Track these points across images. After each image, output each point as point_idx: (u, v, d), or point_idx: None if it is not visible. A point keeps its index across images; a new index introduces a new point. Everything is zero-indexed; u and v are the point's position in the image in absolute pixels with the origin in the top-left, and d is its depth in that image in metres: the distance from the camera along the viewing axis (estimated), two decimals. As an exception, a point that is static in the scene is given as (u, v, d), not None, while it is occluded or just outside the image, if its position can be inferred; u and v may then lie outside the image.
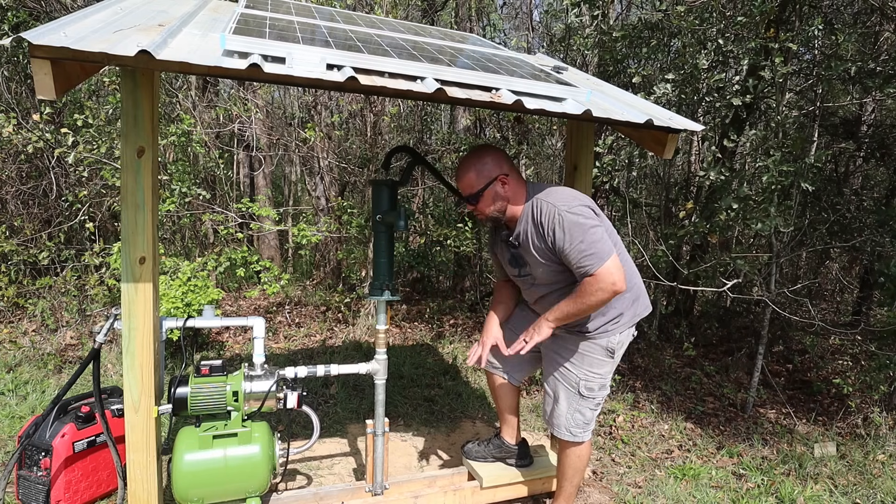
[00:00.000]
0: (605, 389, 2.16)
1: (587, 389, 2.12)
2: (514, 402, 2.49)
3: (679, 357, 4.41)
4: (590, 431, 2.18)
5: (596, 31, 4.25)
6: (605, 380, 2.13)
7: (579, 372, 2.11)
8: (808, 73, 4.36)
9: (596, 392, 2.13)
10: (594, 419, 2.18)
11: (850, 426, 3.43)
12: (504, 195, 2.01)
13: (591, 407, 2.15)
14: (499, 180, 2.00)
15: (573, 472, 2.24)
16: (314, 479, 2.57)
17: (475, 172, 2.01)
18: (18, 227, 4.70)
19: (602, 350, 2.08)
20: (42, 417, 2.23)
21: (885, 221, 3.87)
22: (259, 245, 6.84)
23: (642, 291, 2.15)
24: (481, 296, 5.76)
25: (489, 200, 2.01)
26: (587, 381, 2.11)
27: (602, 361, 2.10)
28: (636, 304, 2.11)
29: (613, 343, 2.07)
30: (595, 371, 2.11)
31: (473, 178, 2.01)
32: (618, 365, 2.21)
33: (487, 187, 1.99)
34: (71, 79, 1.46)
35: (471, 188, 2.02)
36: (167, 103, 5.27)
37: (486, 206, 2.02)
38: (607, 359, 2.10)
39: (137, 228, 1.76)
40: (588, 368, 2.11)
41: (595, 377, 2.11)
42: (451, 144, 5.92)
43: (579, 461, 2.22)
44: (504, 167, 2.02)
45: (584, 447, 2.20)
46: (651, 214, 5.29)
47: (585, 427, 2.16)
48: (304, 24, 2.01)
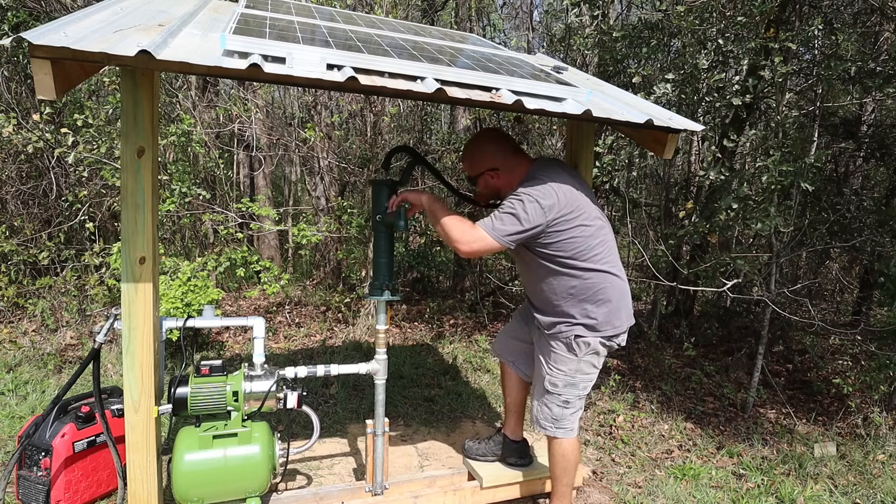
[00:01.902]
0: (575, 388, 2.13)
1: (551, 385, 2.14)
2: (522, 396, 2.50)
3: (679, 357, 4.41)
4: (563, 429, 2.17)
5: (596, 31, 4.25)
6: (571, 378, 2.12)
7: (546, 367, 2.16)
8: (808, 73, 4.36)
9: (560, 388, 2.13)
10: (567, 417, 2.16)
11: (850, 426, 3.43)
12: (494, 185, 2.19)
13: (558, 403, 2.15)
14: (487, 174, 2.17)
15: (560, 470, 2.24)
16: (314, 479, 2.57)
17: (470, 162, 2.23)
18: (18, 227, 4.70)
19: (563, 347, 2.11)
20: (42, 417, 2.23)
21: (885, 221, 3.88)
22: (259, 245, 6.84)
23: (617, 306, 2.09)
24: (481, 296, 5.76)
25: (482, 186, 2.24)
26: (551, 377, 2.14)
27: (565, 358, 2.11)
28: (605, 315, 2.07)
29: (571, 341, 2.08)
30: (558, 367, 2.12)
31: (468, 166, 2.25)
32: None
33: (480, 176, 2.20)
34: (71, 79, 1.46)
35: (469, 171, 2.26)
36: (167, 103, 5.27)
37: (481, 188, 2.25)
38: (569, 355, 2.10)
39: (137, 228, 1.76)
40: (553, 364, 2.14)
41: (558, 373, 2.12)
42: (451, 144, 5.92)
43: (563, 460, 2.21)
44: (497, 161, 2.16)
45: (564, 445, 2.19)
46: (651, 214, 5.29)
47: (556, 423, 2.16)
48: (304, 24, 2.01)
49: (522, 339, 2.41)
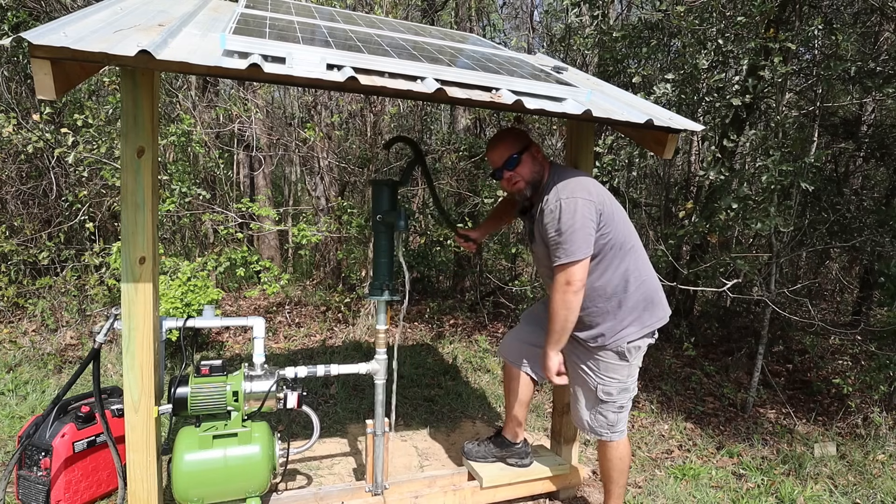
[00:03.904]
0: (628, 391, 2.14)
1: (605, 394, 2.12)
2: (528, 397, 2.49)
3: (679, 357, 4.41)
4: (619, 432, 2.17)
5: (596, 31, 4.26)
6: (624, 383, 2.12)
7: (596, 377, 2.13)
8: (808, 73, 4.36)
9: (615, 396, 2.12)
10: (622, 420, 2.17)
11: (850, 426, 3.43)
12: (541, 163, 2.10)
13: (613, 410, 2.14)
14: (533, 148, 2.09)
15: (618, 473, 2.23)
16: (314, 479, 2.57)
17: (508, 143, 2.09)
18: (18, 227, 4.70)
19: (614, 355, 2.09)
20: (42, 417, 2.23)
21: (885, 221, 3.87)
22: (259, 245, 6.84)
23: (653, 301, 2.11)
24: (481, 296, 5.76)
25: (527, 168, 2.07)
26: (605, 386, 2.12)
27: (617, 366, 2.10)
28: (645, 313, 2.08)
29: (623, 348, 2.07)
30: (611, 376, 2.11)
31: (506, 147, 2.08)
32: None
33: (522, 153, 2.07)
34: (71, 79, 1.46)
35: (502, 156, 2.08)
36: (167, 103, 5.27)
37: (524, 170, 2.07)
38: (622, 363, 2.09)
39: (137, 228, 1.76)
40: (604, 373, 2.11)
41: (612, 382, 2.11)
42: (451, 144, 5.92)
43: (621, 462, 2.21)
44: (530, 140, 2.13)
45: (619, 447, 2.19)
46: (651, 214, 5.29)
47: (611, 428, 2.16)
48: (304, 24, 2.01)
49: (532, 342, 2.36)
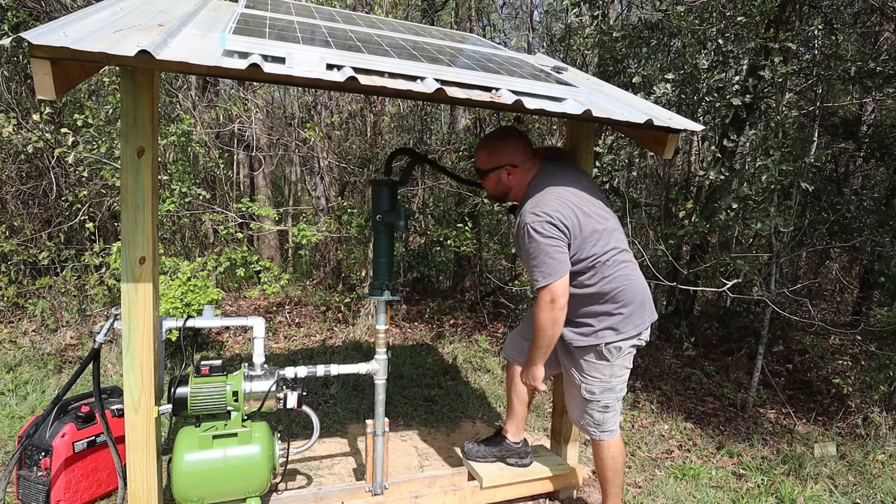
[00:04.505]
0: (613, 392, 2.14)
1: (588, 392, 2.13)
2: (530, 397, 2.50)
3: (679, 357, 4.41)
4: (607, 431, 2.18)
5: (596, 31, 4.25)
6: (607, 383, 2.12)
7: (579, 376, 2.15)
8: (808, 73, 4.36)
9: (598, 395, 2.12)
10: (610, 420, 2.17)
11: (850, 426, 3.43)
12: (507, 183, 2.16)
13: (598, 409, 2.15)
14: (505, 169, 2.14)
15: (612, 473, 2.23)
16: (314, 479, 2.57)
17: (487, 154, 2.17)
18: (18, 227, 4.70)
19: (594, 355, 2.10)
20: (42, 417, 2.23)
21: (885, 221, 3.87)
22: (259, 245, 6.84)
23: (639, 306, 2.08)
24: (481, 296, 5.76)
25: (493, 182, 2.18)
26: (588, 385, 2.13)
27: (597, 365, 2.10)
28: (624, 320, 2.05)
29: (601, 348, 2.07)
30: (593, 375, 2.11)
31: (485, 157, 2.18)
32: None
33: (494, 171, 2.15)
34: (71, 79, 1.46)
35: (481, 164, 2.20)
36: (167, 103, 5.27)
37: (489, 185, 2.20)
38: (602, 362, 2.10)
39: (137, 228, 1.76)
40: (587, 373, 2.13)
41: (594, 381, 2.12)
42: (451, 144, 5.92)
43: (613, 461, 2.21)
44: (517, 159, 2.13)
45: (611, 447, 2.20)
46: (651, 214, 5.29)
47: (598, 427, 2.17)
48: (304, 24, 2.01)
49: None
